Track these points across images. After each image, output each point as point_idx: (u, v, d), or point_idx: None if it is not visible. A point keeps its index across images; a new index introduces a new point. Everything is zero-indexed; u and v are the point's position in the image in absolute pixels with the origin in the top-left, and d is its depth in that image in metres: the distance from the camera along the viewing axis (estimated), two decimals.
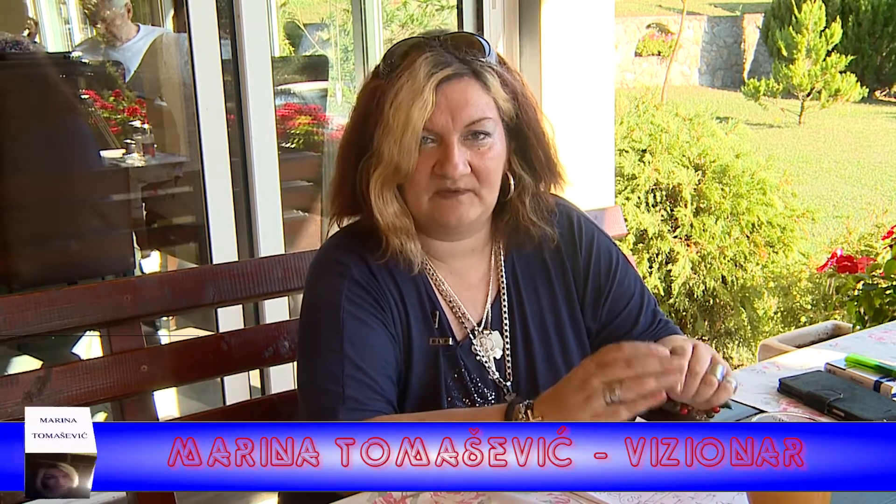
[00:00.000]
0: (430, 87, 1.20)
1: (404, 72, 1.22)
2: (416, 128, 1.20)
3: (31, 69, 3.56)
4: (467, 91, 1.23)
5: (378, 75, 1.28)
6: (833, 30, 11.67)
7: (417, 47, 1.24)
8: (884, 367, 1.46)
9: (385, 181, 1.25)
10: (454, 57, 1.24)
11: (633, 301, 1.43)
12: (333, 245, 1.34)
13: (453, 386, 1.31)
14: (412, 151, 1.22)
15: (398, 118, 1.20)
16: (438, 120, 1.22)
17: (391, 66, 1.25)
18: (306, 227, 3.70)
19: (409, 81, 1.21)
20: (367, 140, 1.26)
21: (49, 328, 1.37)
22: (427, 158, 1.24)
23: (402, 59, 1.24)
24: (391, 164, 1.23)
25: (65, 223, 3.29)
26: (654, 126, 4.06)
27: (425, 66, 1.21)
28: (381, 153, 1.23)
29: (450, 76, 1.22)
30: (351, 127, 1.31)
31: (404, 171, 1.23)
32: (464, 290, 1.36)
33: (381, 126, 1.22)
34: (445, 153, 1.23)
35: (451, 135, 1.23)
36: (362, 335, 1.25)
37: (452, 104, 1.22)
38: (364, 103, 1.28)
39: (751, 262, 3.87)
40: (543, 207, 1.36)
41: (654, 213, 3.86)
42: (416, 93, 1.20)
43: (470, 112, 1.23)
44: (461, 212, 1.27)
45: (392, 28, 5.90)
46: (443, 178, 1.24)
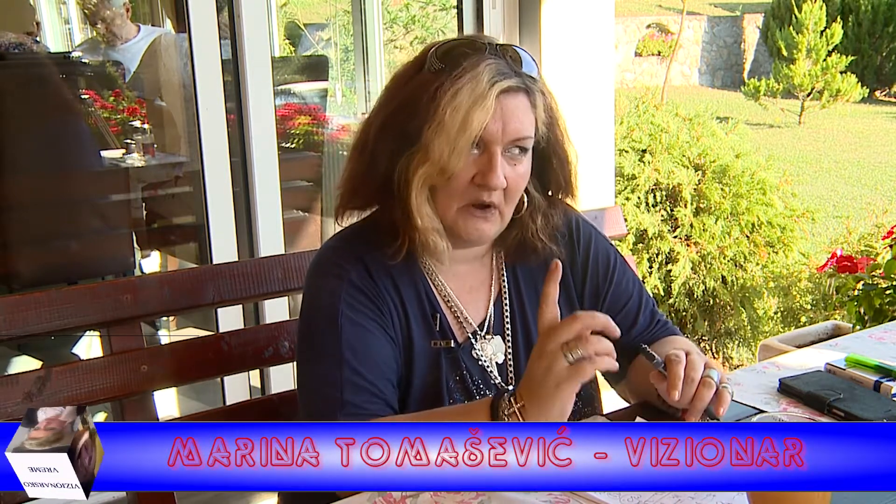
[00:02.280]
0: (494, 93, 1.19)
1: (466, 72, 1.19)
2: (472, 131, 1.18)
3: (31, 69, 3.56)
4: (520, 106, 1.23)
5: (425, 69, 1.24)
6: (833, 30, 11.68)
7: (476, 49, 1.22)
8: (884, 367, 1.45)
9: (427, 180, 1.22)
10: (513, 69, 1.23)
11: (632, 301, 1.44)
12: (331, 247, 1.34)
13: (455, 388, 1.31)
14: (462, 154, 1.20)
15: (455, 118, 1.18)
16: (491, 128, 1.20)
17: (447, 62, 1.22)
18: (306, 227, 3.70)
19: (471, 83, 1.18)
20: (411, 132, 1.22)
21: (49, 328, 1.37)
22: (470, 166, 1.22)
23: (461, 58, 1.21)
24: (438, 164, 1.20)
25: (65, 223, 3.29)
26: (654, 126, 4.06)
27: (489, 72, 1.19)
28: (430, 151, 1.20)
29: (510, 88, 1.21)
30: (390, 114, 1.25)
31: (450, 172, 1.21)
32: (465, 293, 1.36)
33: (434, 123, 1.19)
34: (490, 163, 1.21)
35: (498, 145, 1.22)
36: (361, 339, 1.24)
37: (506, 115, 1.21)
38: (411, 94, 1.23)
39: (751, 262, 3.87)
40: (553, 226, 1.37)
41: (654, 213, 3.86)
42: (478, 97, 1.18)
43: (518, 127, 1.22)
44: (485, 229, 1.27)
45: (393, 29, 5.90)
46: (480, 189, 1.23)
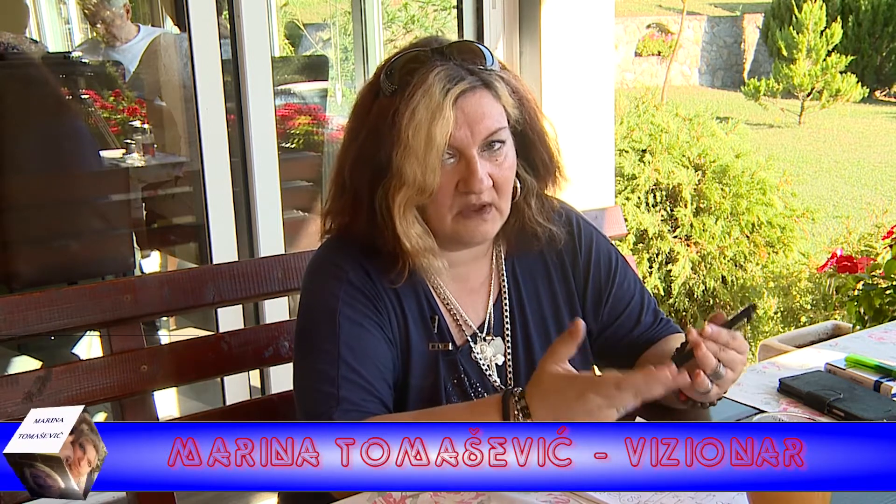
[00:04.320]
0: (449, 102, 1.17)
1: (417, 89, 1.17)
2: (439, 146, 1.17)
3: (31, 70, 3.56)
4: (482, 103, 1.21)
5: (381, 93, 1.23)
6: (833, 30, 11.67)
7: (422, 61, 1.20)
8: (884, 367, 1.45)
9: (408, 203, 1.21)
10: (463, 69, 1.20)
11: (634, 302, 1.43)
12: (330, 248, 1.33)
13: (453, 391, 1.30)
14: (436, 170, 1.19)
15: (419, 137, 1.17)
16: (459, 135, 1.19)
17: (399, 82, 1.20)
18: (306, 227, 3.70)
19: (424, 98, 1.17)
20: (382, 161, 1.21)
21: (49, 328, 1.37)
22: (449, 175, 1.21)
23: (409, 75, 1.19)
24: (415, 186, 1.19)
25: (65, 223, 3.29)
26: (654, 126, 4.07)
27: (439, 82, 1.17)
28: (403, 175, 1.19)
29: (465, 90, 1.19)
30: (359, 147, 1.24)
31: (429, 190, 1.20)
32: (465, 294, 1.35)
33: (400, 147, 1.18)
34: (469, 168, 1.20)
35: (471, 149, 1.20)
36: (359, 338, 1.24)
37: (470, 118, 1.19)
38: (373, 124, 1.22)
39: (751, 262, 3.88)
40: (549, 208, 1.36)
41: (654, 213, 3.86)
42: (434, 110, 1.16)
43: (487, 124, 1.21)
44: (486, 229, 1.26)
45: (393, 29, 5.90)
46: (467, 195, 1.22)
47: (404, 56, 1.23)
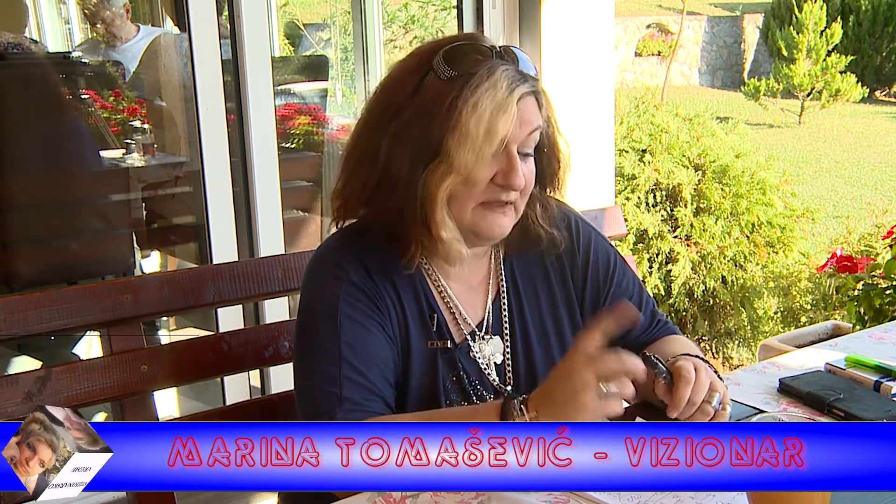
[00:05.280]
0: (514, 100, 1.20)
1: (483, 80, 1.19)
2: (500, 139, 1.19)
3: (31, 69, 3.56)
4: (532, 109, 1.24)
5: (431, 75, 1.22)
6: (833, 30, 11.68)
7: (486, 56, 1.22)
8: (884, 367, 1.46)
9: (449, 189, 1.22)
10: (520, 74, 1.23)
11: (632, 301, 1.44)
12: (330, 248, 1.33)
13: (452, 389, 1.31)
14: (488, 162, 1.21)
15: (480, 127, 1.18)
16: (514, 133, 1.21)
17: (460, 70, 1.21)
18: (306, 227, 3.70)
19: (490, 91, 1.18)
20: (429, 143, 1.21)
21: (49, 328, 1.37)
22: (489, 169, 1.23)
23: (474, 66, 1.20)
24: (463, 174, 1.20)
25: (65, 223, 3.29)
26: (654, 126, 4.07)
27: (506, 79, 1.20)
28: (454, 160, 1.19)
29: (525, 93, 1.22)
30: (404, 124, 1.22)
31: (475, 181, 1.21)
32: (464, 292, 1.36)
33: (457, 133, 1.19)
34: (510, 164, 1.22)
35: (514, 146, 1.23)
36: (359, 337, 1.24)
37: (523, 120, 1.22)
38: (424, 104, 1.21)
39: (751, 262, 3.88)
40: (551, 213, 1.38)
41: (654, 213, 3.86)
42: (500, 104, 1.18)
43: (533, 129, 1.24)
44: (505, 224, 1.27)
45: (393, 29, 5.90)
46: (500, 189, 1.24)
47: (465, 45, 1.24)
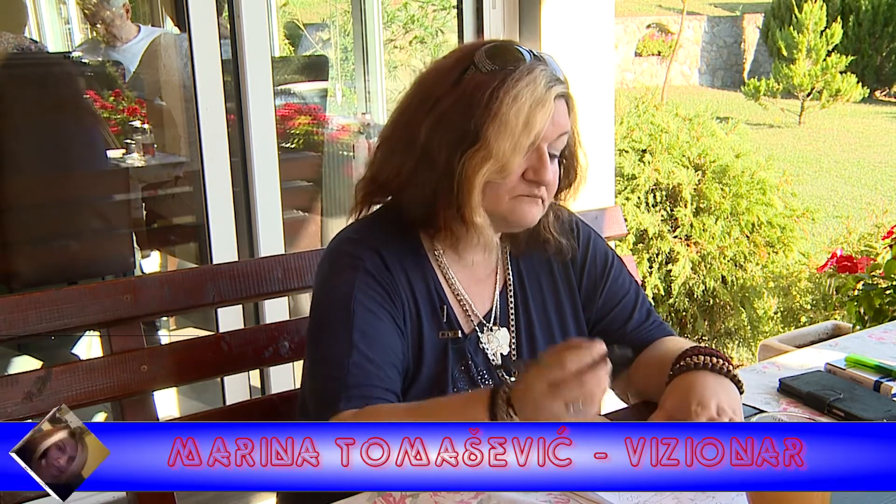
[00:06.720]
0: (552, 97, 1.25)
1: (522, 76, 1.24)
2: (536, 131, 1.24)
3: (31, 70, 3.56)
4: (564, 112, 1.30)
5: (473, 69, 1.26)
6: (833, 30, 11.67)
7: (524, 56, 1.27)
8: (884, 367, 1.46)
9: (485, 177, 1.25)
10: (557, 77, 1.28)
11: (627, 298, 1.47)
12: (346, 239, 1.36)
13: (460, 377, 1.33)
14: (523, 152, 1.25)
15: (519, 118, 1.22)
16: (548, 129, 1.26)
17: (500, 64, 1.26)
18: (306, 227, 3.70)
19: (529, 86, 1.23)
20: (469, 130, 1.24)
21: (49, 328, 1.37)
22: (523, 162, 1.27)
23: (515, 62, 1.26)
24: (500, 161, 1.24)
25: (65, 223, 3.29)
26: (654, 126, 4.07)
27: (544, 78, 1.25)
28: (492, 148, 1.23)
29: (560, 94, 1.28)
30: (445, 112, 1.26)
31: (508, 170, 1.25)
32: (472, 284, 1.39)
33: (496, 122, 1.23)
34: (541, 160, 1.27)
35: (546, 143, 1.27)
36: (372, 325, 1.26)
37: (556, 119, 1.27)
38: (465, 93, 1.25)
39: (751, 262, 3.88)
40: (563, 223, 1.42)
41: (654, 213, 3.86)
42: (538, 98, 1.24)
43: (562, 130, 1.29)
44: (536, 214, 1.32)
45: (393, 29, 5.90)
46: (531, 184, 1.28)
47: (505, 44, 1.30)
